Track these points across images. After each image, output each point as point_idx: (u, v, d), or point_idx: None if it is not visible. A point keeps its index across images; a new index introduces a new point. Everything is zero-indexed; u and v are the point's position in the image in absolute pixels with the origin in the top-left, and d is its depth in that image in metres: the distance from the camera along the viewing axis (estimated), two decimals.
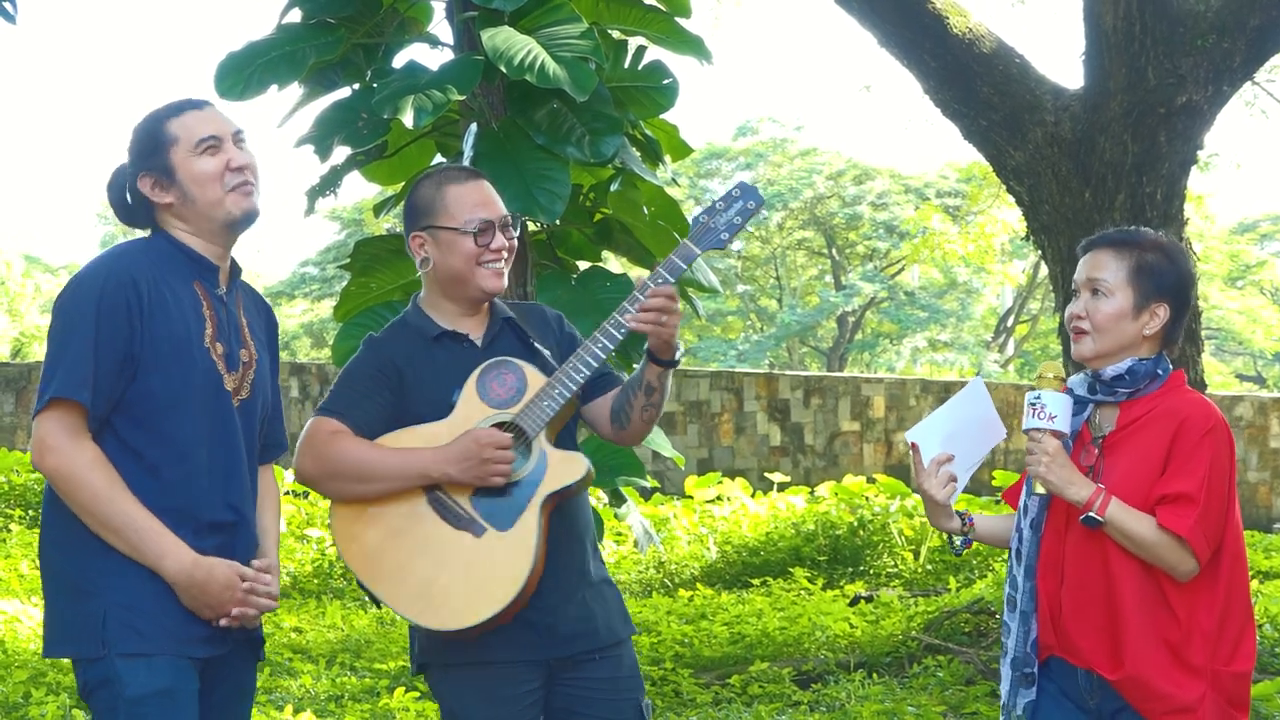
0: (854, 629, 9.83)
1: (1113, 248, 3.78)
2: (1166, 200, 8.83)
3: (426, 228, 4.10)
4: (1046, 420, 3.68)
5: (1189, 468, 3.61)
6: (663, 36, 6.90)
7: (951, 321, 38.56)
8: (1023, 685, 3.79)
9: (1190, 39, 8.61)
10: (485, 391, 4.00)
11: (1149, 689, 3.63)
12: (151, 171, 3.78)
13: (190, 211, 3.78)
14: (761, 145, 39.32)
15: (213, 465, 3.72)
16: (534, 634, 4.00)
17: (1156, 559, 3.61)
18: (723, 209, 4.06)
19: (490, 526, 3.92)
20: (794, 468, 19.21)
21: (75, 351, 3.61)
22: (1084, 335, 3.75)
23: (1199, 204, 27.08)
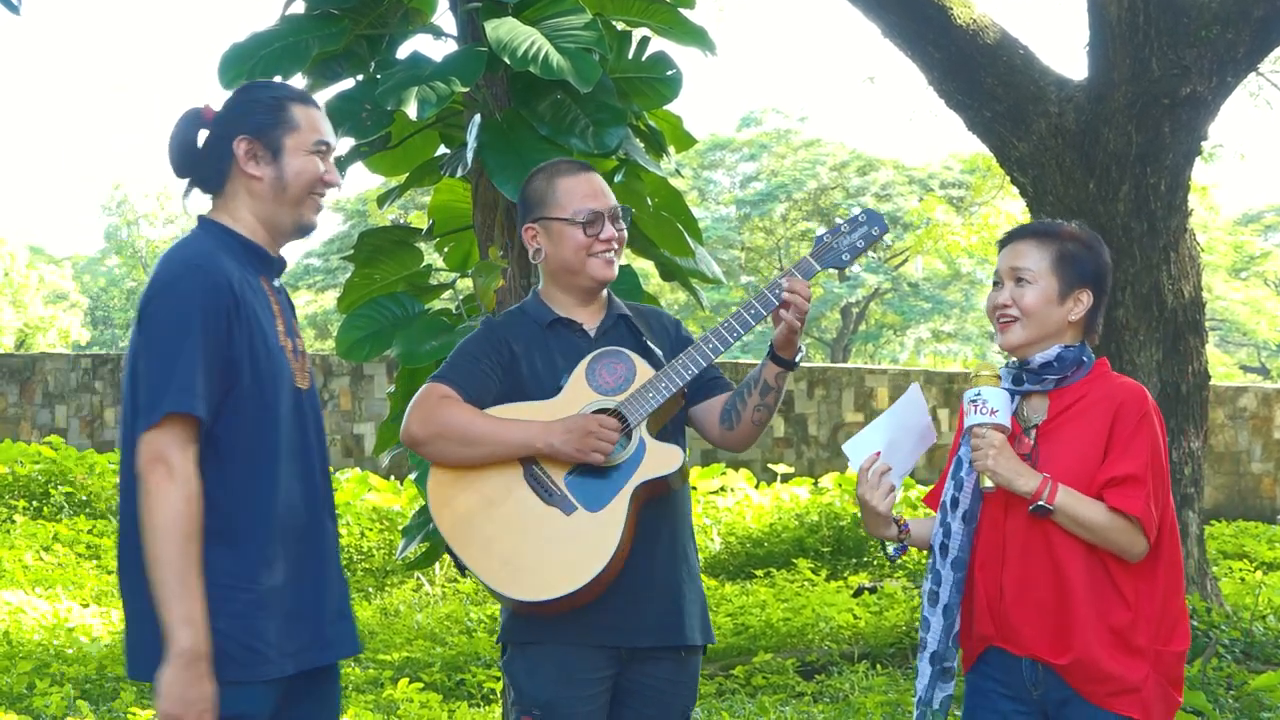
0: (857, 620, 9.84)
1: (1034, 238, 3.85)
2: (1170, 191, 8.83)
3: (538, 219, 4.19)
4: (988, 415, 3.72)
5: (1132, 450, 3.66)
6: (666, 28, 6.88)
7: (955, 313, 38.58)
8: (942, 679, 3.82)
9: (1194, 30, 8.60)
10: (594, 378, 4.08)
11: (1096, 671, 3.67)
12: (257, 140, 3.61)
13: (273, 197, 3.62)
14: (765, 136, 39.33)
15: (296, 465, 3.55)
16: (616, 619, 4.03)
17: (1108, 542, 3.65)
18: (847, 231, 4.19)
19: (581, 506, 3.98)
20: (798, 459, 19.22)
21: (186, 361, 3.38)
22: (1012, 323, 3.80)
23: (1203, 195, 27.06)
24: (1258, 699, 7.36)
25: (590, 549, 3.96)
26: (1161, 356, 8.89)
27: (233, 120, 3.64)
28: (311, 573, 3.58)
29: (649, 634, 4.08)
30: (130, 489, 3.43)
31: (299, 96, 3.74)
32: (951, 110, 9.43)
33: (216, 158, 3.64)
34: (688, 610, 4.14)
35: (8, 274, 41.45)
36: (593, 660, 4.04)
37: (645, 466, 4.03)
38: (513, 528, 3.98)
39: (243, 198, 3.65)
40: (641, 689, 4.11)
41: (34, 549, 12.74)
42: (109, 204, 54.09)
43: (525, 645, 4.09)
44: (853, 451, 3.95)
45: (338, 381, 19.01)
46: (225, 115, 3.66)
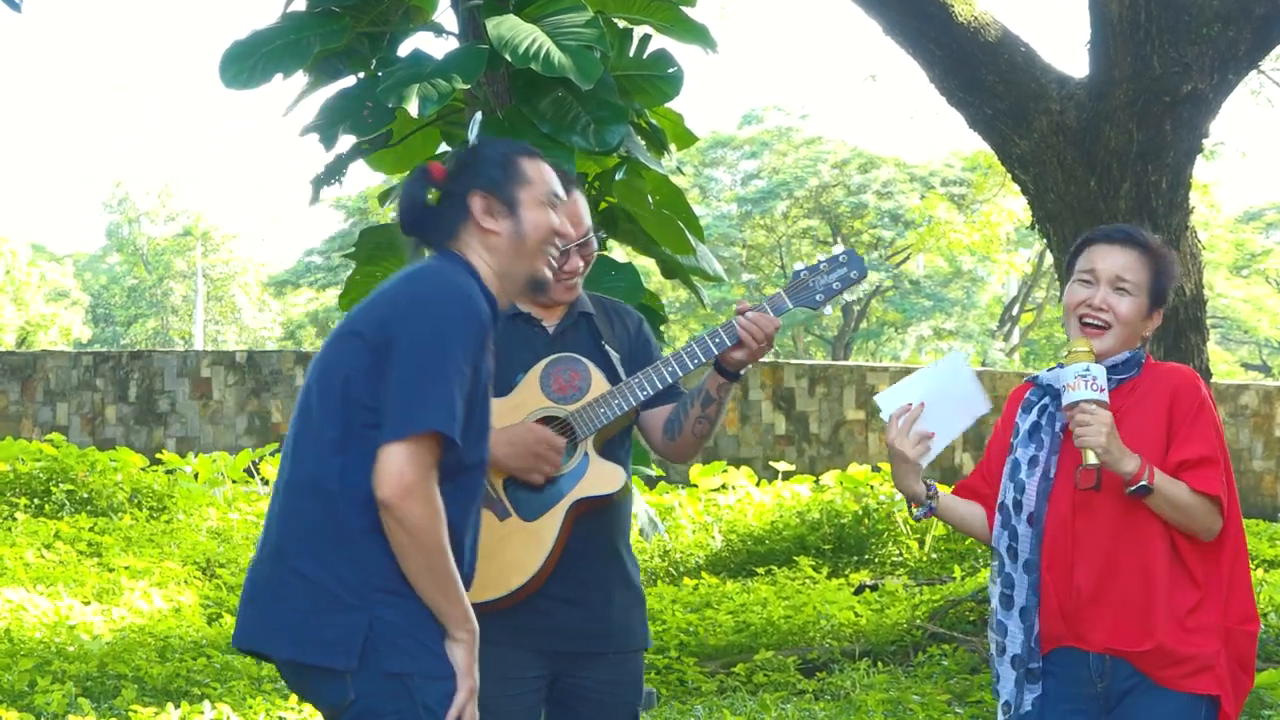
0: (859, 618, 9.84)
1: (1139, 249, 3.86)
2: (1172, 189, 8.83)
3: None
4: (1097, 391, 3.69)
5: (1198, 432, 3.71)
6: (668, 25, 6.89)
7: (956, 310, 38.58)
8: (1029, 681, 3.78)
9: (1195, 27, 8.60)
10: (548, 383, 4.03)
11: (1174, 656, 3.67)
12: (493, 195, 3.58)
13: (511, 251, 3.57)
14: (766, 134, 39.32)
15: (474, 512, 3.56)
16: (546, 624, 4.03)
17: (1193, 520, 3.68)
18: (825, 270, 4.14)
19: (515, 513, 3.95)
20: (799, 456, 19.21)
21: (447, 383, 3.32)
22: (1106, 329, 3.82)
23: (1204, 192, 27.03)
24: (1259, 697, 7.36)
25: (518, 559, 3.93)
26: (1163, 354, 8.88)
27: (472, 179, 3.60)
28: None
29: (578, 639, 4.07)
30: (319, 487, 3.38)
31: (526, 150, 3.69)
32: (952, 108, 9.42)
33: (452, 214, 3.59)
34: (617, 616, 4.12)
35: (9, 272, 41.46)
36: (524, 662, 4.02)
37: (585, 483, 3.98)
38: None
39: (476, 250, 3.58)
40: (583, 691, 4.11)
41: (35, 547, 12.74)
42: (110, 201, 54.11)
43: None
44: (885, 402, 3.90)
45: None
46: (462, 174, 3.62)
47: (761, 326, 3.97)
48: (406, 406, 3.29)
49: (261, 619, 3.44)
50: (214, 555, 12.43)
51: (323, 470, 3.38)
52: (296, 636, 3.38)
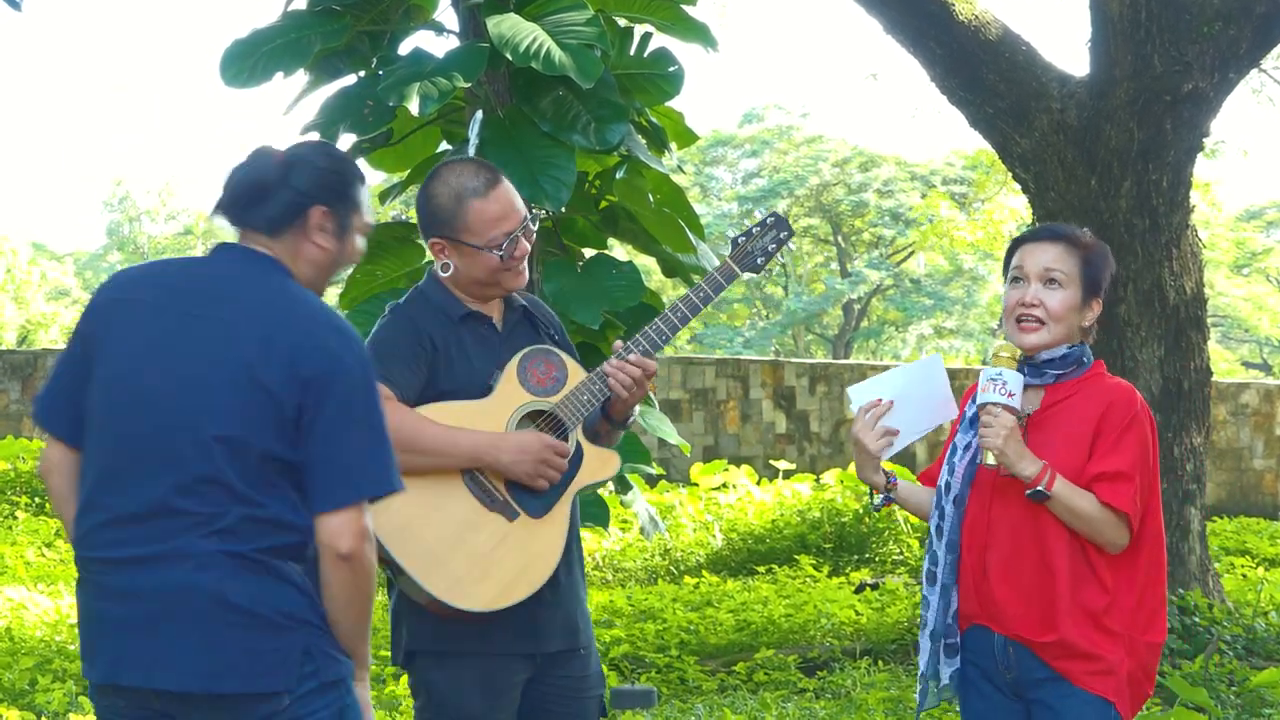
0: (859, 616, 9.84)
1: (1064, 242, 3.94)
2: (1172, 187, 8.83)
3: (449, 239, 4.06)
4: (1005, 396, 3.83)
5: (1122, 447, 3.80)
6: (668, 24, 6.89)
7: (957, 309, 38.56)
8: (946, 655, 3.91)
9: (1196, 26, 8.60)
10: (526, 378, 4.03)
11: (1078, 650, 3.78)
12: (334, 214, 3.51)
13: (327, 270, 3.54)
14: (767, 132, 39.32)
15: None
16: (530, 626, 4.02)
17: (1096, 532, 3.78)
18: (759, 235, 4.29)
19: (524, 512, 3.96)
20: (799, 455, 19.21)
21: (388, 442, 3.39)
22: (1039, 325, 3.91)
23: (1205, 191, 27.02)
24: (1260, 695, 7.36)
25: (538, 556, 3.94)
26: (1163, 353, 8.89)
27: (318, 188, 3.53)
28: None
29: (559, 638, 4.09)
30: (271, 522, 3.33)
31: (361, 176, 3.66)
32: (953, 106, 9.43)
33: (287, 210, 3.52)
34: (583, 611, 4.17)
35: (10, 270, 41.45)
36: (511, 668, 4.03)
37: (585, 471, 4.03)
38: (455, 534, 3.92)
39: (297, 255, 3.52)
40: (557, 692, 4.12)
41: (36, 545, 12.74)
42: (111, 200, 54.09)
43: (442, 655, 4.01)
44: (856, 394, 4.05)
45: None
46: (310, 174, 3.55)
47: (626, 371, 4.04)
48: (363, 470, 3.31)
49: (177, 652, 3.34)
50: None
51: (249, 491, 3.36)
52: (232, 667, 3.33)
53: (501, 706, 4.02)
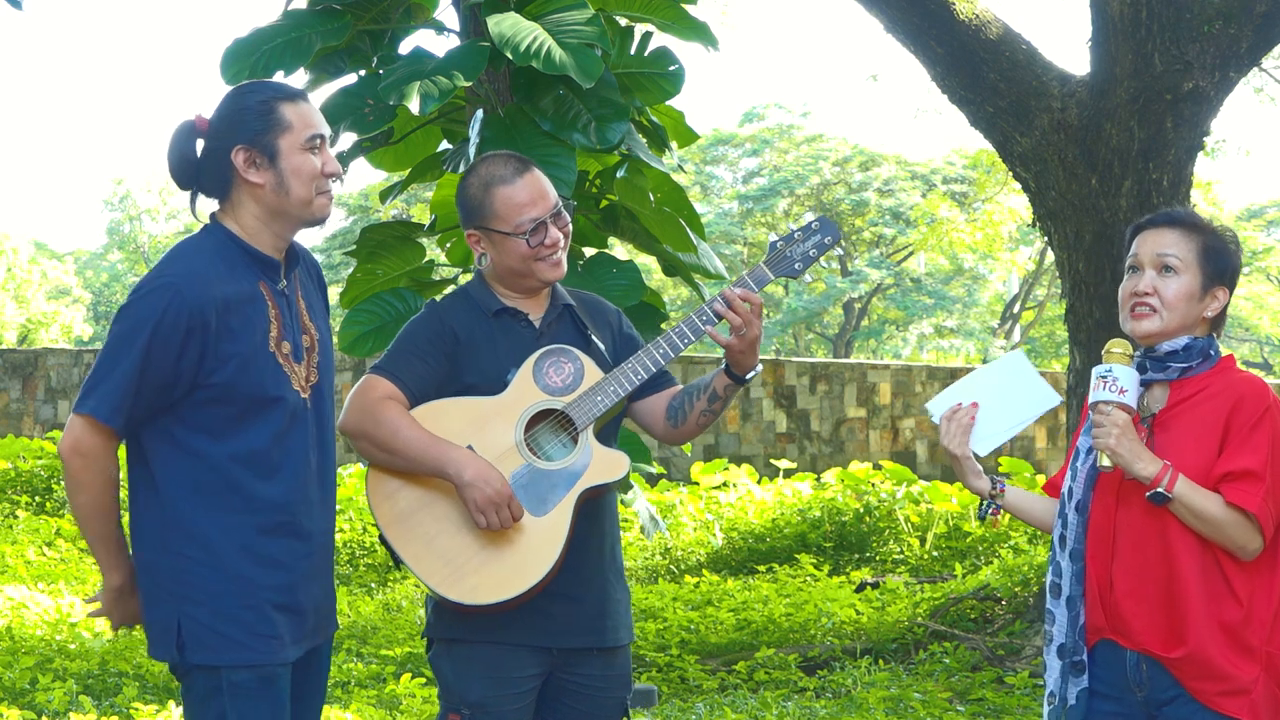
0: (860, 615, 9.84)
1: (1181, 227, 3.76)
2: (1173, 186, 8.82)
3: (480, 228, 4.13)
4: (1116, 393, 3.64)
5: (1251, 444, 3.58)
6: (669, 23, 6.88)
7: (958, 308, 38.54)
8: (1074, 673, 3.73)
9: (1196, 25, 8.59)
10: (541, 376, 4.04)
11: (1209, 668, 3.59)
12: (253, 148, 3.71)
13: (277, 200, 3.73)
14: (768, 131, 39.30)
15: (283, 464, 3.73)
16: (547, 621, 4.03)
17: (1224, 536, 3.57)
18: (800, 239, 4.17)
19: (525, 509, 3.96)
20: (800, 454, 19.21)
21: (120, 375, 3.61)
22: (1151, 313, 3.72)
23: (1206, 190, 27.06)
24: None
25: (534, 554, 3.94)
26: None
27: (231, 133, 3.73)
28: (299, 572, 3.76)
29: (579, 635, 4.09)
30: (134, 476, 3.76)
31: (287, 94, 3.79)
32: (954, 106, 9.43)
33: (218, 169, 3.74)
34: (615, 611, 4.16)
35: (10, 270, 41.47)
36: (523, 661, 4.04)
37: (592, 472, 4.01)
38: (455, 528, 3.95)
39: (248, 204, 3.75)
40: (574, 688, 4.13)
41: (36, 544, 12.75)
42: (111, 199, 54.07)
43: (453, 642, 4.07)
44: (935, 406, 3.94)
45: (340, 377, 19.01)
46: (218, 125, 3.75)
47: (741, 302, 3.99)
48: (87, 385, 3.65)
49: None
50: None
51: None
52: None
53: (510, 697, 4.03)
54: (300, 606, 3.74)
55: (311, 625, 3.80)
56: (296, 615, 3.73)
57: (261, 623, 3.67)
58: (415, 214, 31.25)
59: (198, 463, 3.66)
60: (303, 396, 3.76)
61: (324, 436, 3.86)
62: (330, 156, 3.79)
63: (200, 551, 3.66)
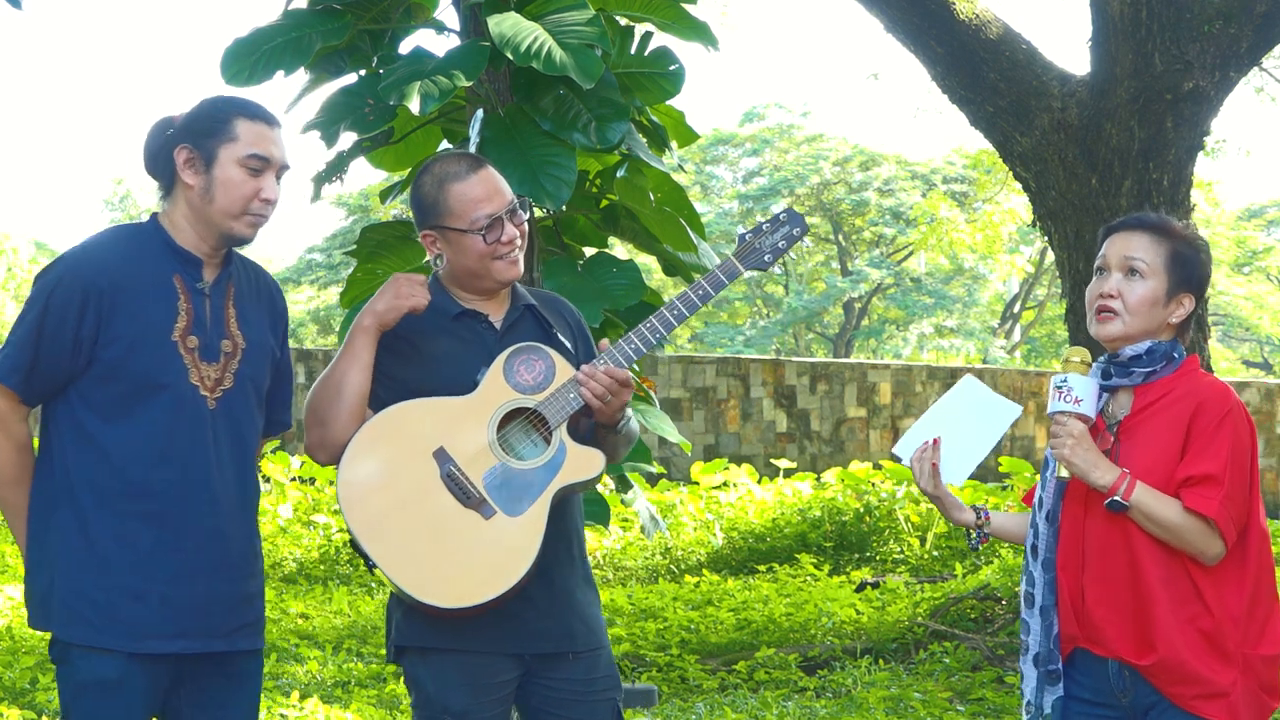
0: (860, 615, 9.84)
1: (1151, 232, 3.73)
2: (1173, 186, 8.83)
3: (435, 227, 4.10)
4: (1072, 404, 3.64)
5: (1211, 449, 3.57)
6: (669, 23, 6.88)
7: (958, 308, 38.53)
8: (1049, 683, 3.73)
9: (1197, 25, 8.60)
10: (512, 375, 4.00)
11: (1183, 672, 3.59)
12: (194, 149, 3.81)
13: (202, 205, 3.81)
14: (768, 131, 39.30)
15: (172, 454, 3.76)
16: (518, 626, 4.00)
17: (1183, 543, 3.57)
18: (769, 231, 4.17)
19: (500, 509, 3.91)
20: (800, 454, 19.21)
21: (17, 339, 3.75)
22: (1114, 316, 3.71)
23: (1206, 190, 27.05)
24: None
25: (511, 555, 3.89)
26: None
27: (181, 129, 3.85)
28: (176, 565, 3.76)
29: (551, 640, 4.05)
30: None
31: (252, 113, 3.84)
32: (954, 105, 9.43)
33: (166, 163, 3.87)
34: (586, 614, 4.12)
35: (10, 269, 41.47)
36: (498, 667, 4.01)
37: (566, 471, 3.96)
38: (429, 529, 3.90)
39: (180, 202, 3.87)
40: (561, 694, 4.08)
41: None
42: (111, 199, 54.04)
43: (426, 651, 4.02)
44: (902, 450, 3.95)
45: None
46: (180, 123, 3.86)
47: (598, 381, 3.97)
48: None
49: None
50: None
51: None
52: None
53: (488, 704, 4.00)
54: (168, 599, 3.73)
55: (196, 625, 3.77)
56: (162, 607, 3.72)
57: (114, 606, 3.70)
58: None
59: (88, 443, 3.75)
60: (202, 393, 3.79)
61: (238, 443, 3.87)
62: (272, 184, 3.83)
63: (75, 528, 3.73)
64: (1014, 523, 3.95)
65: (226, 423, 3.83)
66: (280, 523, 13.49)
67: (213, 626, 3.80)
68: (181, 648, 3.76)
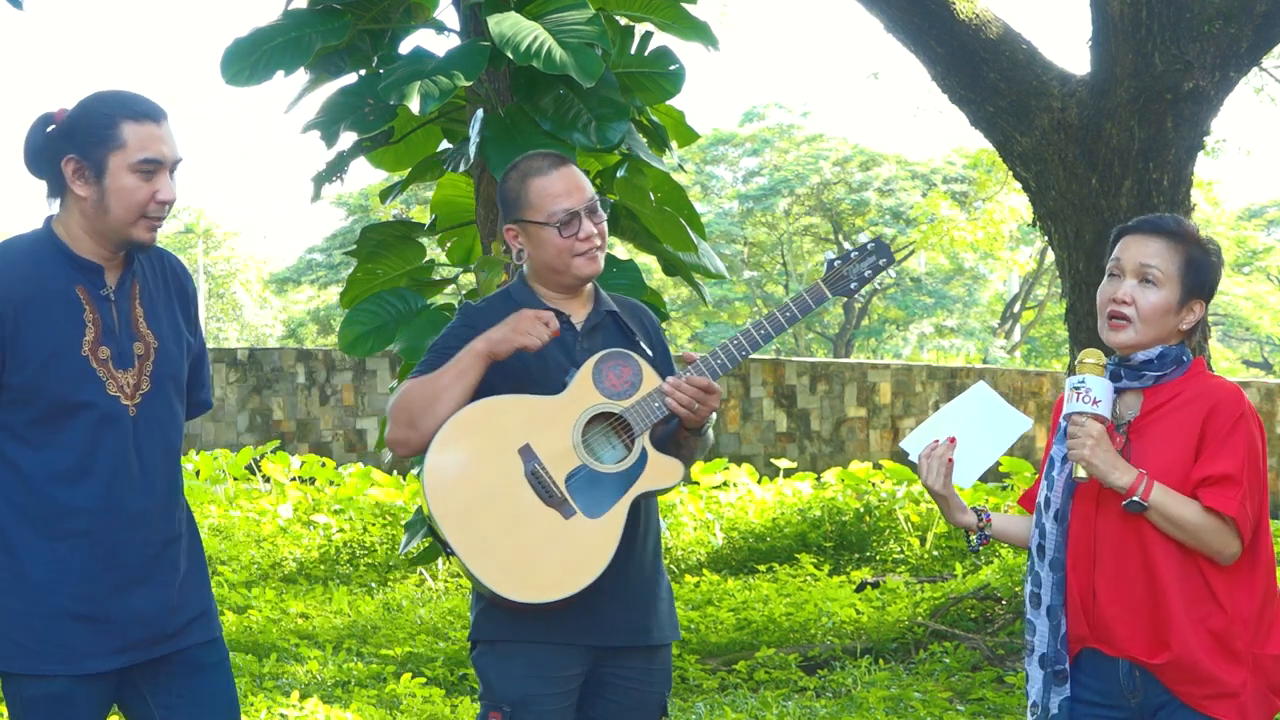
0: (860, 615, 9.84)
1: (1167, 238, 3.70)
2: (1173, 186, 8.83)
3: (516, 220, 4.17)
4: (1090, 404, 3.63)
5: (1228, 449, 3.57)
6: (669, 22, 6.88)
7: (958, 308, 38.55)
8: (1056, 683, 3.73)
9: (1197, 24, 8.60)
10: (600, 379, 4.06)
11: (1196, 672, 3.59)
12: (82, 159, 3.67)
13: (96, 216, 3.68)
14: (768, 131, 39.29)
15: (95, 470, 3.67)
16: (593, 619, 4.06)
17: (1200, 543, 3.57)
18: (857, 259, 4.25)
19: (580, 510, 3.98)
20: (800, 454, 19.21)
21: None
22: (1126, 324, 3.69)
23: (1206, 190, 27.05)
24: None
25: (587, 556, 3.95)
26: None
27: (66, 137, 3.70)
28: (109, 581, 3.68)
29: (622, 634, 4.11)
30: None
31: (136, 112, 3.72)
32: (954, 105, 9.43)
33: (53, 171, 3.72)
34: (658, 610, 4.19)
35: None
36: (565, 659, 4.06)
37: (647, 478, 4.04)
38: (510, 524, 3.96)
39: (73, 212, 3.72)
40: (615, 684, 4.15)
41: None
42: None
43: (496, 643, 4.08)
44: (910, 445, 3.95)
45: (340, 377, 19.03)
46: (62, 128, 3.72)
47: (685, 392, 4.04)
48: None
49: None
50: (215, 552, 12.43)
51: None
52: None
53: (552, 696, 4.05)
54: (107, 616, 3.66)
55: (139, 636, 3.71)
56: (102, 625, 3.65)
57: (52, 630, 3.62)
58: (415, 214, 31.24)
59: (8, 467, 3.64)
60: (123, 403, 3.69)
61: (164, 444, 3.79)
62: (167, 184, 3.70)
63: (5, 557, 3.63)
64: (1015, 525, 3.94)
65: (149, 426, 3.75)
66: (280, 523, 13.49)
67: (156, 634, 3.75)
68: (126, 661, 3.71)
